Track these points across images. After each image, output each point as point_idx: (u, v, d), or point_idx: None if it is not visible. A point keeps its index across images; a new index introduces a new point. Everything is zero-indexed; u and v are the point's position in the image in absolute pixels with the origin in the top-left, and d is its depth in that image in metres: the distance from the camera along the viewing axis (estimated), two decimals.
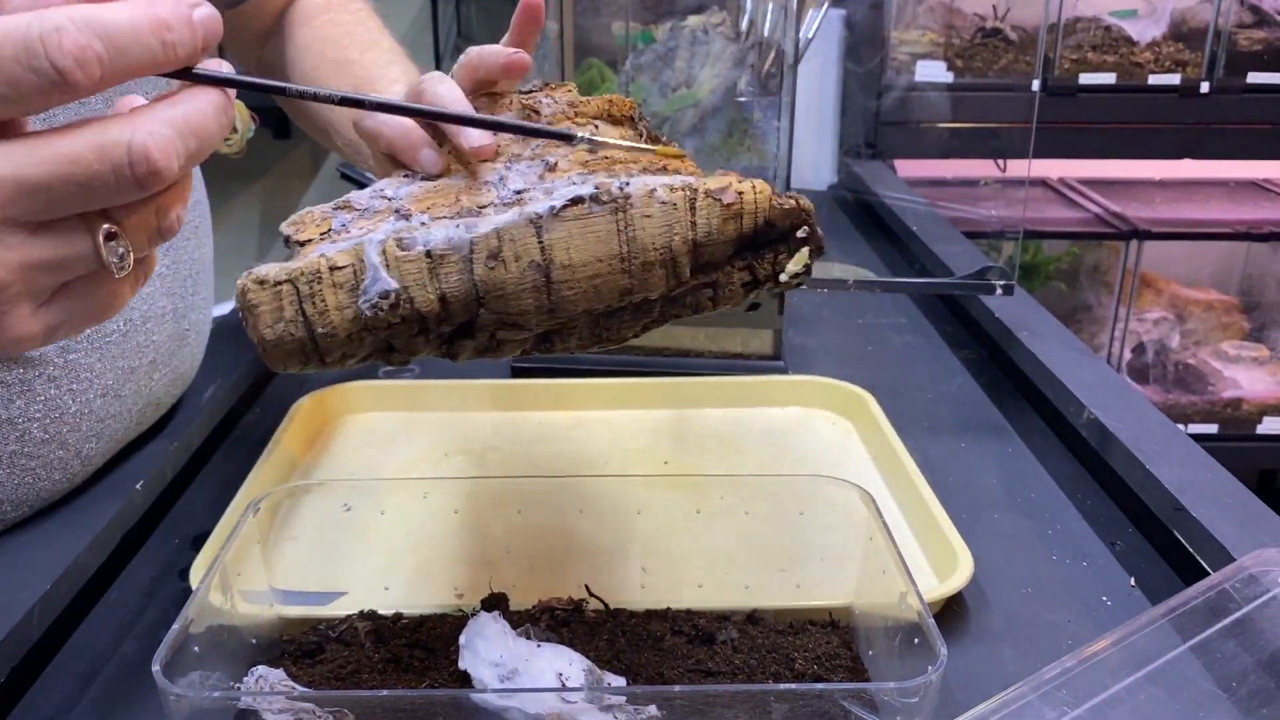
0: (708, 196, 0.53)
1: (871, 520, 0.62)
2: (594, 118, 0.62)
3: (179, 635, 0.50)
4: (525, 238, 0.51)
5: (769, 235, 0.54)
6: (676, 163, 0.57)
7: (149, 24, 0.38)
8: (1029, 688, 0.50)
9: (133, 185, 0.38)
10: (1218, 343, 2.27)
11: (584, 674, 0.55)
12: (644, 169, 0.56)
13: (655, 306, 0.56)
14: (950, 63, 2.04)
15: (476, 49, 0.59)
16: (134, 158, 0.38)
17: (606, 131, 0.60)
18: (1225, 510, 0.72)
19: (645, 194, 0.52)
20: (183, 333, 0.80)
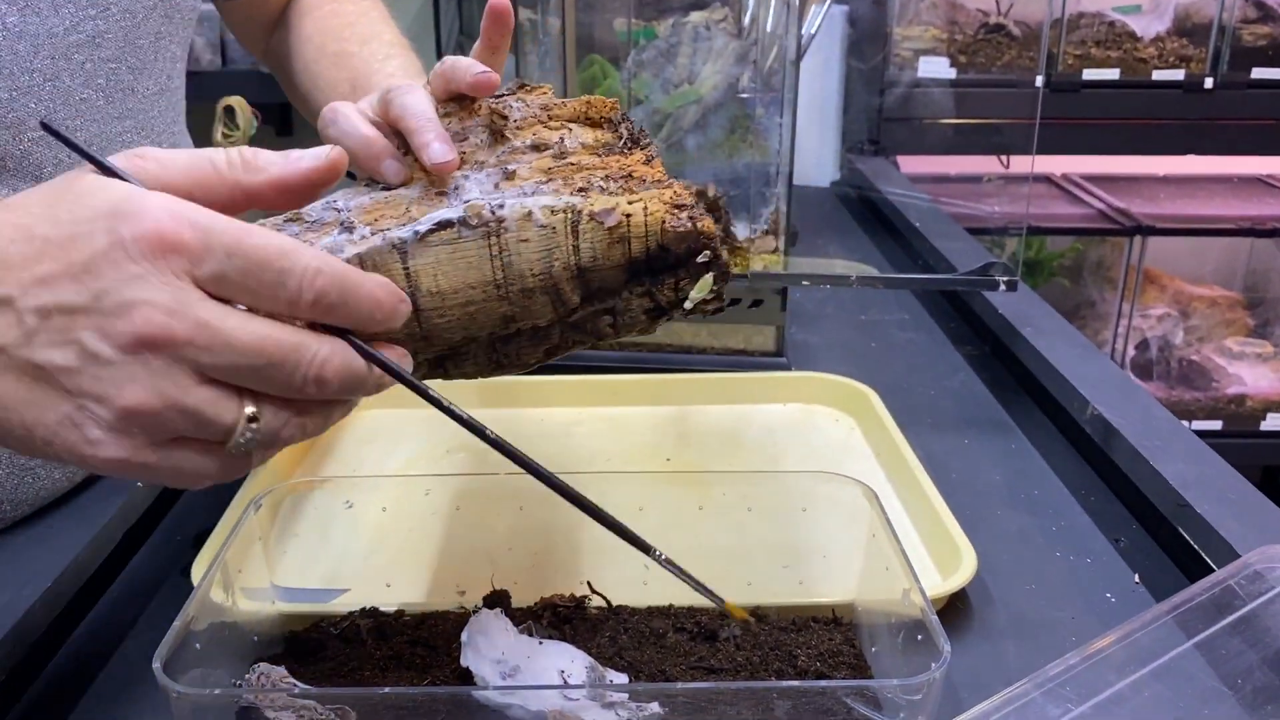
0: (591, 219, 0.50)
1: (874, 517, 0.62)
2: (569, 120, 0.61)
3: (180, 633, 0.50)
4: (389, 263, 0.49)
5: (666, 260, 0.51)
6: (644, 169, 0.55)
7: (369, 295, 0.45)
8: (1032, 685, 0.50)
9: (297, 387, 0.44)
10: (1222, 339, 2.26)
11: (586, 671, 0.55)
12: (608, 176, 0.54)
13: (554, 332, 0.53)
14: (953, 59, 2.03)
15: (451, 60, 0.59)
16: (313, 370, 0.44)
17: (582, 134, 0.59)
18: (1229, 507, 0.72)
19: (521, 217, 0.50)
20: None
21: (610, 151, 0.59)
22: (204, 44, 2.06)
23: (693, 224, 0.50)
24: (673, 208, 0.50)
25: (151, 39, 0.75)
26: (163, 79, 0.77)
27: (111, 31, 0.71)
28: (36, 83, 0.66)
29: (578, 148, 0.59)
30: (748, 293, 1.05)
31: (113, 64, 0.71)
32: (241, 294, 0.43)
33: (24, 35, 0.65)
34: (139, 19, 0.73)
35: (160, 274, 0.41)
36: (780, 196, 1.17)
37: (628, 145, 0.59)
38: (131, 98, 0.74)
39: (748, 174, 1.22)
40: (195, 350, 0.42)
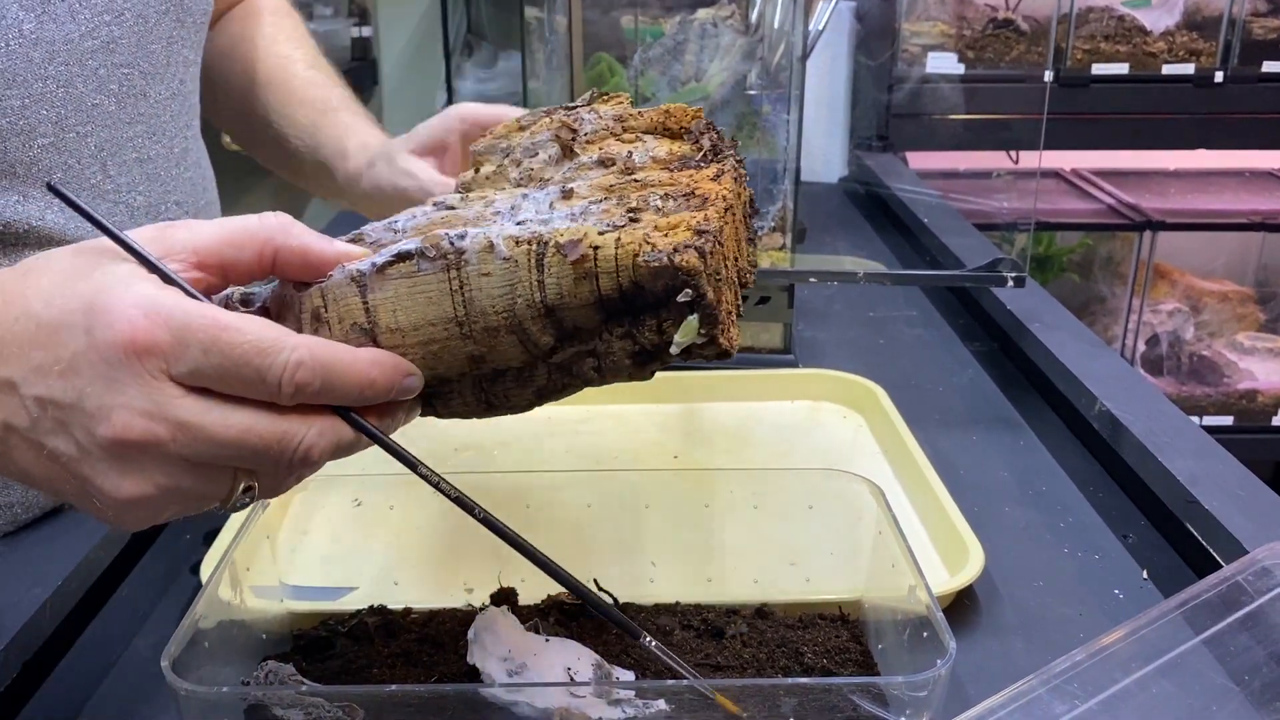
0: (557, 252, 0.45)
1: (880, 514, 0.62)
2: (645, 131, 0.59)
3: (188, 631, 0.50)
4: (348, 297, 0.46)
5: (645, 299, 0.45)
6: (710, 185, 0.50)
7: (357, 378, 0.44)
8: (1038, 681, 0.50)
9: (286, 467, 0.44)
10: (1233, 334, 2.25)
11: (592, 668, 0.55)
12: (667, 195, 0.50)
13: (539, 373, 0.49)
14: (961, 54, 2.02)
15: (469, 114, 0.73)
16: (299, 454, 0.44)
17: (656, 147, 0.56)
18: (1238, 502, 0.71)
19: (483, 249, 0.45)
20: None
21: (685, 166, 0.55)
22: None
23: (670, 260, 0.44)
24: (646, 241, 0.44)
25: (164, 44, 0.75)
26: (175, 84, 0.77)
27: (125, 37, 0.71)
28: (50, 89, 0.66)
29: (647, 162, 0.56)
30: (755, 290, 1.05)
31: (125, 69, 0.71)
32: (221, 388, 0.43)
33: (39, 42, 0.65)
34: (151, 24, 0.73)
35: (136, 376, 0.41)
36: (787, 193, 1.17)
37: (707, 158, 0.55)
38: (144, 103, 0.73)
39: (755, 171, 1.22)
40: (178, 447, 0.42)
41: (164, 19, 0.74)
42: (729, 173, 0.54)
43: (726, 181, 0.52)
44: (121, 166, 0.71)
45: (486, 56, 2.05)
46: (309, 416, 0.44)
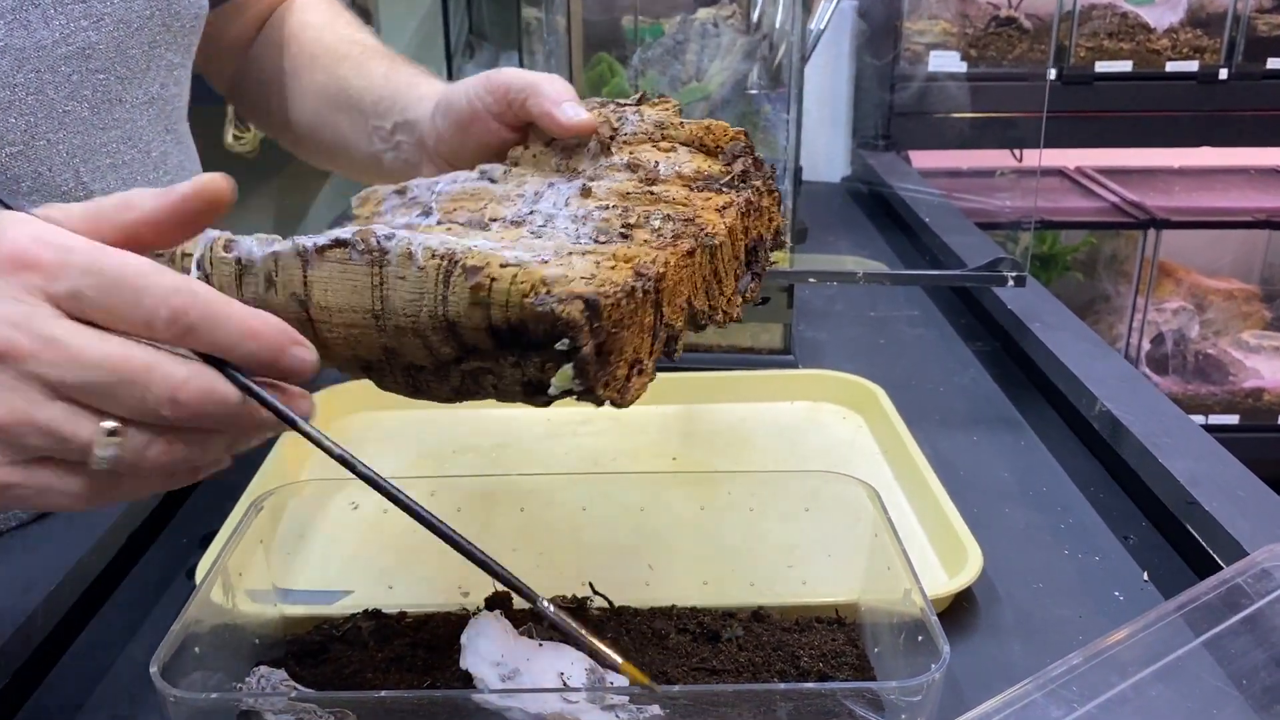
0: (463, 273, 0.46)
1: (877, 516, 0.62)
2: (684, 142, 0.60)
3: (178, 636, 0.50)
4: (292, 268, 0.48)
5: (529, 337, 0.46)
6: (711, 216, 0.53)
7: (240, 322, 0.44)
8: (1034, 685, 0.49)
9: (153, 409, 0.42)
10: (1238, 332, 2.24)
11: (586, 673, 0.55)
12: (670, 216, 0.52)
13: (453, 375, 0.50)
14: (964, 52, 2.02)
15: (498, 83, 0.65)
16: (167, 391, 0.42)
17: (687, 161, 0.57)
18: (1238, 504, 0.71)
19: (403, 254, 0.47)
20: None
21: (707, 186, 0.56)
22: None
23: (552, 309, 0.44)
24: (542, 281, 0.45)
25: (145, 48, 0.73)
26: (155, 88, 0.75)
27: (103, 43, 0.69)
28: (19, 97, 0.65)
29: (671, 175, 0.57)
30: None
31: (101, 75, 0.70)
32: (98, 312, 0.42)
33: (8, 50, 0.64)
34: (133, 29, 0.72)
35: (12, 290, 0.41)
36: (787, 193, 1.16)
37: (732, 182, 0.56)
38: (119, 108, 0.72)
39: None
40: (41, 365, 0.41)
41: (148, 24, 0.73)
42: (740, 205, 0.54)
43: (731, 215, 0.53)
44: (95, 172, 0.70)
45: (488, 58, 2.05)
46: (184, 358, 0.43)
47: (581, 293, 0.44)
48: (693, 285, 0.52)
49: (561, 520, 0.71)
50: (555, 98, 0.62)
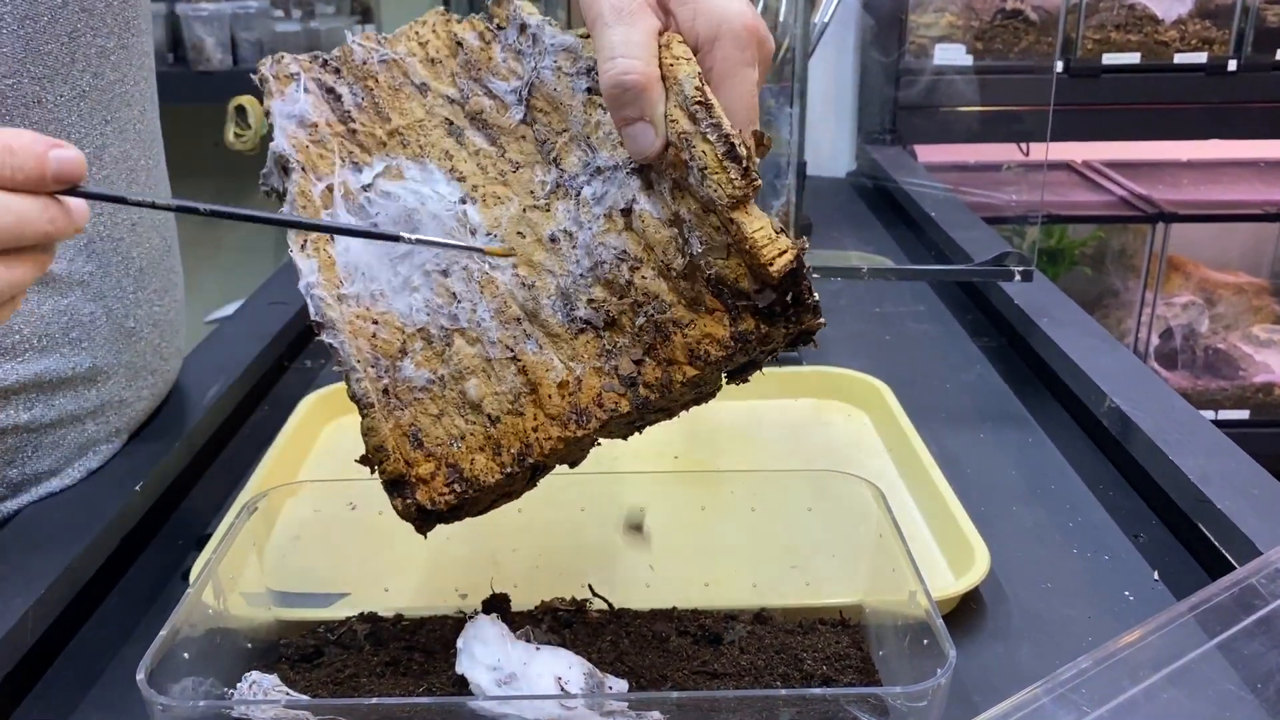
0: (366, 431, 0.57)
1: (881, 516, 0.60)
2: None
3: (165, 642, 0.49)
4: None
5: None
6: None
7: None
8: (1043, 690, 0.48)
9: None
10: (1248, 326, 2.22)
11: (584, 677, 0.54)
12: (647, 332, 0.52)
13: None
14: (970, 45, 2.00)
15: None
16: None
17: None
18: (1251, 502, 0.69)
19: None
20: (128, 331, 0.77)
21: (729, 296, 0.51)
22: (214, 43, 2.05)
23: (394, 504, 0.55)
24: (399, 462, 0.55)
25: (64, 40, 0.67)
26: (84, 80, 0.70)
27: (7, 45, 0.64)
28: None
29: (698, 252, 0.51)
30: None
31: (9, 80, 0.65)
32: None
33: None
34: (43, 23, 0.66)
35: None
36: (791, 188, 1.15)
37: (760, 314, 0.51)
38: (38, 110, 0.67)
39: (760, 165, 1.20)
40: None
41: (61, 12, 0.67)
42: (733, 348, 0.51)
43: (699, 369, 0.51)
44: None
45: None
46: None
47: (418, 501, 0.53)
48: (605, 434, 0.55)
49: (561, 520, 0.70)
50: (613, 114, 0.52)
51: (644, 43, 0.51)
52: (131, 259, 0.77)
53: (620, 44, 0.50)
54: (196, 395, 0.88)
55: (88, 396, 0.75)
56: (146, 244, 0.79)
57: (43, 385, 0.71)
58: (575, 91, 0.55)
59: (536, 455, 0.52)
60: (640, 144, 0.51)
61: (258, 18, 2.08)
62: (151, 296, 0.80)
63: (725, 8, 0.52)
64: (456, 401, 0.54)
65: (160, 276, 0.81)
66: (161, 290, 0.81)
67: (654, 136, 0.51)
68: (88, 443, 0.76)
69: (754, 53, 0.53)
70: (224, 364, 0.93)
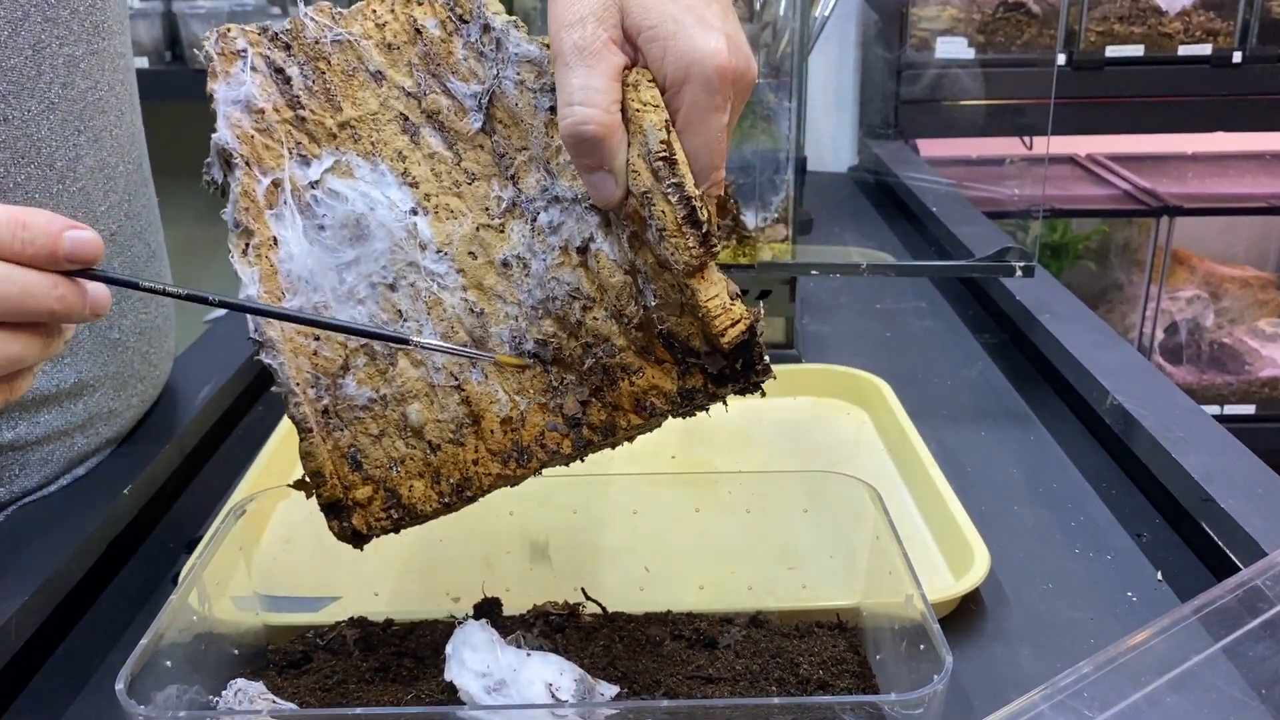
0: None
1: (878, 518, 0.59)
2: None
3: (147, 650, 0.48)
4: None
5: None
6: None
7: (6, 217, 0.45)
8: (1042, 696, 0.47)
9: None
10: (1254, 320, 2.21)
11: (575, 684, 0.53)
12: (595, 378, 0.53)
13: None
14: (972, 38, 1.98)
15: None
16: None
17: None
18: (1256, 501, 0.68)
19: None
20: (113, 342, 0.76)
21: (675, 350, 0.51)
22: None
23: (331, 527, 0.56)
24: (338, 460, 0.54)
25: (29, 53, 0.64)
26: (52, 92, 0.66)
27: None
28: None
29: (657, 298, 0.51)
30: (756, 284, 1.02)
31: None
32: None
33: None
34: (3, 37, 0.63)
35: None
36: (790, 184, 1.14)
37: (694, 403, 0.52)
38: (4, 127, 0.64)
39: (758, 161, 1.19)
40: None
41: (23, 25, 0.63)
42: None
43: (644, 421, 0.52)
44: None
45: None
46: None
47: (354, 525, 0.54)
48: (545, 467, 0.55)
49: (553, 523, 0.69)
50: (572, 159, 0.50)
51: (605, 88, 0.48)
52: (105, 312, 0.76)
53: (579, 89, 0.48)
54: (188, 396, 0.87)
55: (74, 411, 0.73)
56: (129, 253, 0.77)
57: (26, 404, 0.70)
58: (538, 110, 0.53)
59: (475, 490, 0.53)
60: (600, 192, 0.50)
61: (255, 14, 2.07)
62: (136, 305, 0.78)
63: (698, 47, 0.48)
64: (398, 423, 0.53)
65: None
66: (147, 297, 0.80)
67: (614, 186, 0.49)
68: (77, 456, 0.75)
69: (725, 97, 0.49)
70: (216, 364, 0.93)
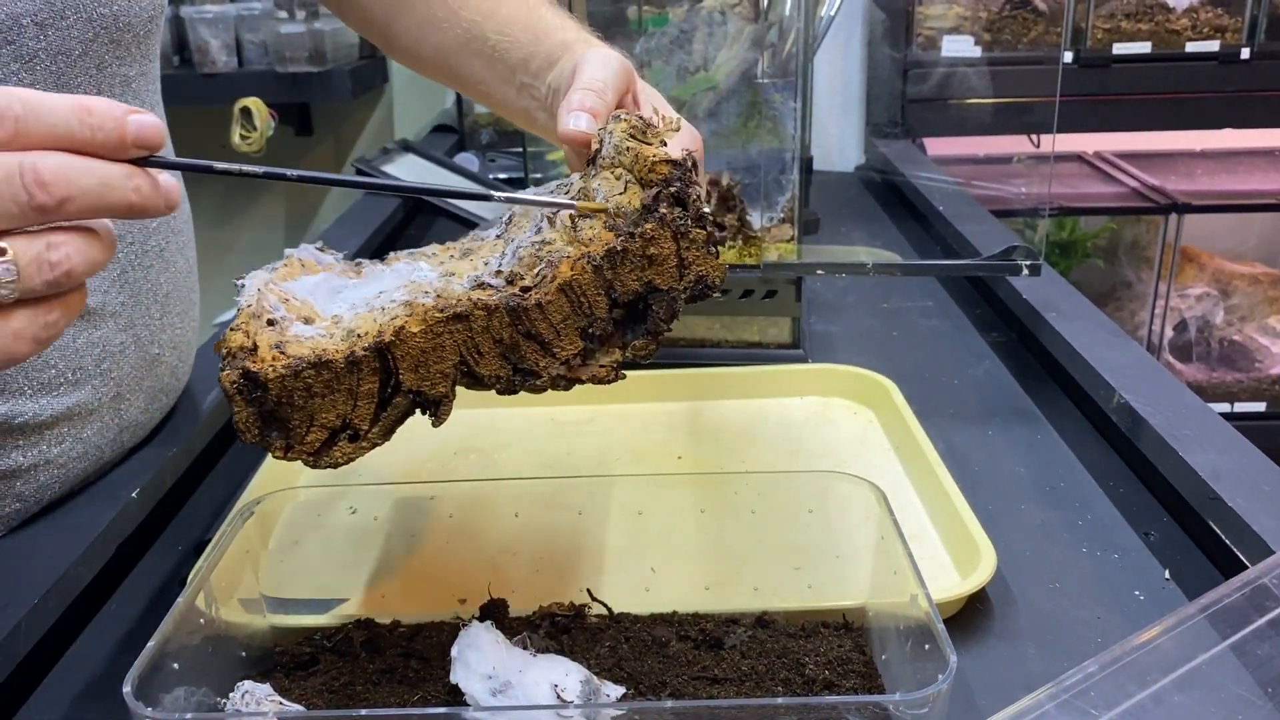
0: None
1: (883, 518, 0.59)
2: (627, 169, 0.56)
3: (154, 652, 0.48)
4: None
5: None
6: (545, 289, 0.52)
7: (71, 104, 0.43)
8: (1048, 696, 0.47)
9: (21, 194, 0.41)
10: (1264, 318, 2.20)
11: (581, 685, 0.53)
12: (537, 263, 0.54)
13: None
14: (978, 36, 1.98)
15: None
16: (27, 172, 0.41)
17: (616, 197, 0.55)
18: (1263, 499, 0.68)
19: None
20: (153, 357, 0.77)
21: (614, 229, 0.53)
22: (219, 45, 2.05)
23: (218, 376, 0.50)
24: (269, 348, 0.50)
25: (91, 73, 0.67)
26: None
27: (39, 82, 0.63)
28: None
29: (587, 225, 0.54)
30: (762, 284, 1.02)
31: None
32: None
33: None
34: (75, 57, 0.65)
35: None
36: (796, 183, 1.14)
37: (627, 224, 0.52)
38: None
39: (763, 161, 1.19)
40: None
41: (92, 45, 0.66)
42: (601, 253, 0.52)
43: (575, 267, 0.51)
44: None
45: None
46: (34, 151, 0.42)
47: (245, 366, 0.48)
48: (470, 349, 0.52)
49: (559, 525, 0.69)
50: (569, 104, 0.62)
51: (618, 91, 0.64)
52: (159, 285, 0.77)
53: (607, 79, 0.64)
54: (197, 399, 0.87)
55: (110, 426, 0.74)
56: (173, 269, 0.79)
57: (73, 418, 0.71)
58: (539, 213, 0.58)
59: (387, 336, 0.50)
60: (576, 121, 0.61)
61: (262, 19, 2.08)
62: (175, 320, 0.80)
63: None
64: (338, 335, 0.52)
65: (182, 299, 0.81)
66: (183, 313, 0.81)
67: (590, 124, 0.61)
68: (103, 467, 0.76)
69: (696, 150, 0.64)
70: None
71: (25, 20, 0.62)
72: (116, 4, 0.67)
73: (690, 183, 0.53)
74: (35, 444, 0.69)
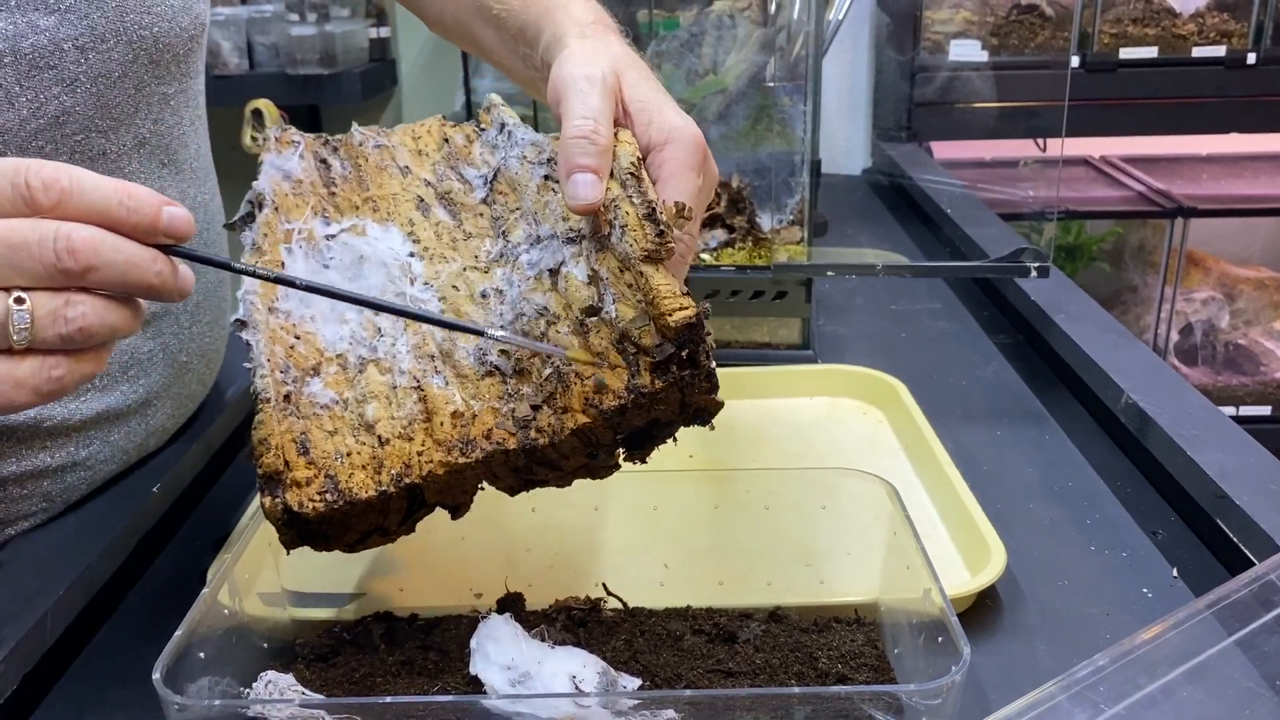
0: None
1: (895, 514, 0.60)
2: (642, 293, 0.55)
3: (181, 642, 0.49)
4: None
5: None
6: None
7: (114, 186, 0.46)
8: (1058, 688, 0.48)
9: (50, 259, 0.44)
10: (1269, 322, 2.20)
11: (598, 676, 0.54)
12: (548, 385, 0.54)
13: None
14: (985, 41, 1.99)
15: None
16: (59, 240, 0.44)
17: (629, 309, 0.53)
18: (1270, 497, 0.69)
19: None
20: (181, 365, 0.78)
21: (620, 351, 0.53)
22: (230, 48, 2.06)
23: (263, 506, 0.54)
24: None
25: (131, 93, 0.68)
26: (147, 126, 0.70)
27: (80, 104, 0.64)
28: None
29: (609, 317, 0.53)
30: (772, 285, 1.03)
31: (79, 136, 0.65)
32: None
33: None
34: (115, 79, 0.66)
35: None
36: (805, 186, 1.15)
37: (645, 392, 0.51)
38: (101, 161, 0.67)
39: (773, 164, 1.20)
40: None
41: (132, 68, 0.67)
42: (623, 401, 0.52)
43: (589, 415, 0.52)
44: None
45: None
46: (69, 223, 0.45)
47: (286, 501, 0.52)
48: (488, 475, 0.56)
49: (575, 520, 0.70)
50: (566, 162, 0.55)
51: (609, 112, 0.58)
52: (189, 294, 0.77)
53: (597, 109, 0.57)
54: (216, 397, 0.88)
55: (138, 430, 0.76)
56: (204, 278, 0.80)
57: (101, 422, 0.72)
58: (533, 177, 0.61)
59: (415, 476, 0.53)
60: (582, 190, 0.55)
61: (273, 22, 2.09)
62: (204, 329, 0.81)
63: (678, 122, 0.59)
64: (354, 423, 0.55)
65: (212, 309, 0.82)
66: (212, 322, 0.82)
67: (596, 188, 0.55)
68: (129, 469, 0.77)
69: (700, 160, 0.58)
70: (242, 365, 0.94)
71: (67, 45, 0.63)
72: (157, 26, 0.68)
73: (702, 339, 0.52)
74: (64, 446, 0.70)
